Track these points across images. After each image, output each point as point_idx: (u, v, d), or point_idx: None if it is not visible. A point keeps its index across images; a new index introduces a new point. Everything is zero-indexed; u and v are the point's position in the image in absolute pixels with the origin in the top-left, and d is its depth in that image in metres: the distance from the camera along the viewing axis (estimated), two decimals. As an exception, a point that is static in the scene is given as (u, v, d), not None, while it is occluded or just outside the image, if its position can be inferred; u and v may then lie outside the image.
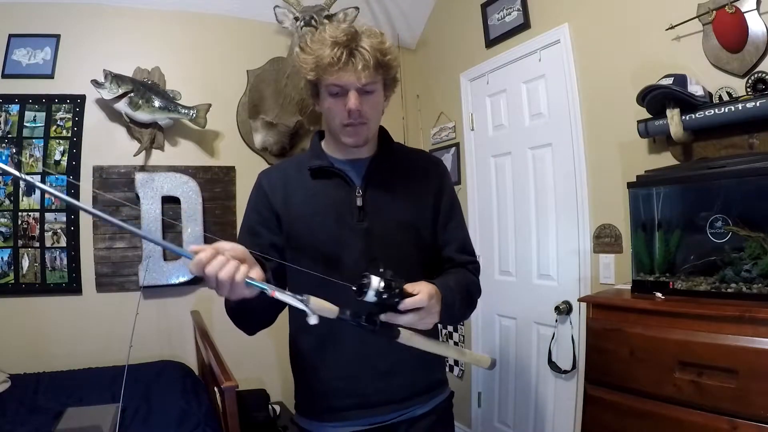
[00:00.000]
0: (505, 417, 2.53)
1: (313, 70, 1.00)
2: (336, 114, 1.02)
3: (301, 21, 2.31)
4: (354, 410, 1.08)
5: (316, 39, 1.00)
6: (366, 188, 1.08)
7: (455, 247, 1.17)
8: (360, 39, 0.98)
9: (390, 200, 1.09)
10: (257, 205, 1.11)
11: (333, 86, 1.00)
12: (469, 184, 2.79)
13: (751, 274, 1.31)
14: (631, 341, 1.41)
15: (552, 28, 2.23)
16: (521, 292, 2.45)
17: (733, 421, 1.18)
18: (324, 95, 1.03)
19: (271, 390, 2.69)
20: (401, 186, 1.12)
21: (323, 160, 1.11)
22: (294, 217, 1.07)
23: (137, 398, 1.98)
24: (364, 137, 1.06)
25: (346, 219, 1.06)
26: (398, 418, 1.10)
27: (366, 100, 1.01)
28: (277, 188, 1.10)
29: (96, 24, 2.53)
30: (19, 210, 2.39)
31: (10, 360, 2.25)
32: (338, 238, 1.05)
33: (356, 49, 0.97)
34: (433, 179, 1.16)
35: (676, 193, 1.56)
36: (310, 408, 1.13)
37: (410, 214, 1.11)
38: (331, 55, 0.96)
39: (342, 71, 0.97)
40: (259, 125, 2.77)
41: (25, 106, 2.42)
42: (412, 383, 1.11)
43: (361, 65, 0.97)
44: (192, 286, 2.64)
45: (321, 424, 1.11)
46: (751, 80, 1.50)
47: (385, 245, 1.06)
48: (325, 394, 1.09)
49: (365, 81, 0.99)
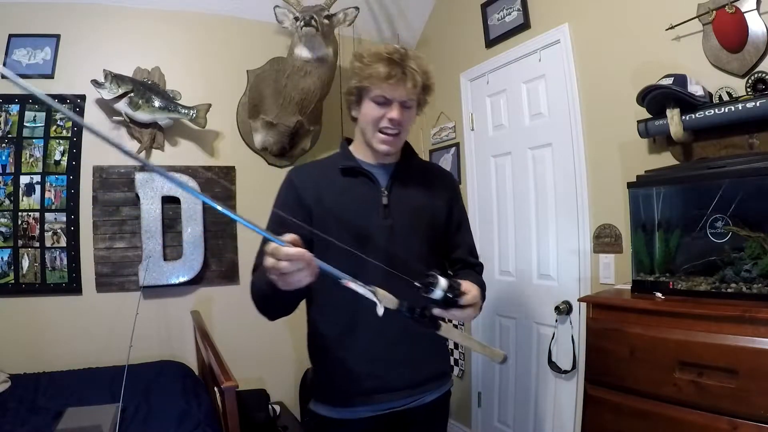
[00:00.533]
0: (505, 417, 2.53)
1: (367, 79, 1.13)
2: (376, 120, 1.16)
3: (301, 21, 2.31)
4: (374, 395, 1.16)
5: (372, 53, 1.14)
6: (391, 189, 1.21)
7: (466, 251, 1.33)
8: (410, 60, 1.14)
9: (411, 202, 1.22)
10: (287, 198, 1.21)
11: (380, 96, 1.14)
12: (469, 184, 2.79)
13: (751, 274, 1.31)
14: (631, 341, 1.40)
15: (552, 28, 2.23)
16: (521, 292, 2.45)
17: (733, 421, 1.18)
18: (367, 103, 1.17)
19: (271, 390, 2.69)
20: (420, 191, 1.25)
21: (353, 161, 1.24)
22: (326, 210, 1.17)
23: (137, 398, 1.98)
24: (397, 145, 1.20)
25: (372, 215, 1.18)
26: (412, 403, 1.20)
27: (404, 113, 1.16)
28: (308, 184, 1.20)
29: (96, 24, 2.53)
30: (19, 210, 2.39)
31: (10, 360, 2.25)
32: (365, 232, 1.16)
33: (408, 69, 1.12)
34: (447, 189, 1.32)
35: (676, 193, 1.56)
36: (331, 394, 1.20)
37: (427, 216, 1.24)
38: (388, 70, 1.10)
39: (393, 86, 1.12)
40: (259, 125, 2.77)
41: (25, 106, 2.42)
42: (426, 370, 1.21)
43: (411, 84, 1.13)
44: (192, 286, 2.65)
45: (342, 409, 1.18)
46: (751, 80, 1.50)
47: (404, 241, 1.18)
48: (347, 380, 1.17)
49: (409, 97, 1.15)
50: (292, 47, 2.45)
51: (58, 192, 2.45)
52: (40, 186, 2.42)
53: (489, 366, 2.65)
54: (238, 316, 2.74)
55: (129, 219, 2.55)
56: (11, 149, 2.40)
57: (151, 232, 2.51)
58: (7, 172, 2.38)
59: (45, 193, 2.42)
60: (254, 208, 2.80)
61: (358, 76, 1.16)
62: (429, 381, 1.22)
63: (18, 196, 2.39)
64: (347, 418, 1.18)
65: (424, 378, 1.21)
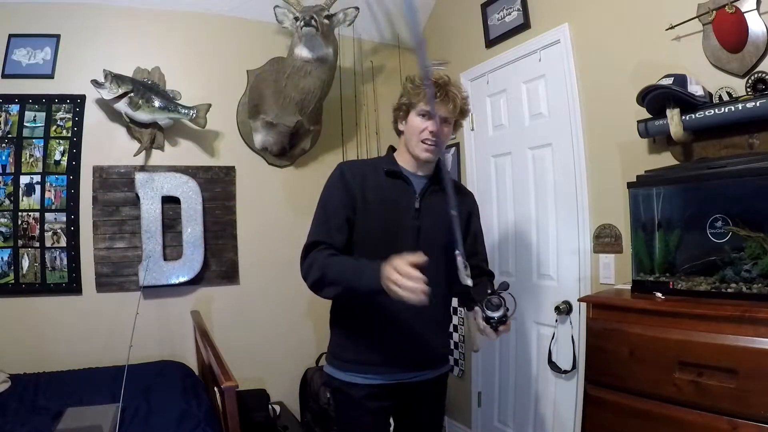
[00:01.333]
0: (505, 417, 2.53)
1: (416, 96, 1.36)
2: (420, 131, 1.36)
3: (301, 21, 2.31)
4: (381, 366, 1.36)
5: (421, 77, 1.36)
6: (423, 195, 1.41)
7: (482, 258, 1.58)
8: (452, 87, 1.38)
9: (438, 209, 1.38)
10: (338, 184, 1.38)
11: (425, 111, 1.35)
12: (469, 184, 2.79)
13: (751, 274, 1.31)
14: (631, 341, 1.41)
15: (552, 28, 2.23)
16: (521, 292, 2.45)
17: (733, 421, 1.18)
18: (413, 116, 1.38)
19: (271, 390, 2.69)
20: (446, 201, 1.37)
21: (396, 166, 1.43)
22: (368, 202, 1.36)
23: (137, 398, 1.98)
24: (435, 155, 1.39)
25: (405, 215, 1.38)
26: (414, 378, 1.40)
27: (443, 128, 1.38)
28: (357, 177, 1.38)
29: (96, 24, 2.53)
30: (19, 210, 2.39)
31: (10, 360, 2.25)
32: (396, 228, 1.36)
33: (450, 93, 1.36)
34: (468, 204, 1.53)
35: (676, 193, 1.56)
36: (345, 359, 1.39)
37: (448, 225, 1.34)
38: (435, 90, 1.32)
39: (437, 104, 1.33)
40: (259, 125, 2.77)
41: (25, 106, 2.42)
42: (431, 352, 1.42)
43: (451, 105, 1.37)
44: (192, 286, 2.65)
45: (352, 374, 1.38)
46: (751, 80, 1.50)
47: (429, 241, 1.35)
48: (360, 350, 1.37)
49: (448, 115, 1.37)
50: (292, 47, 2.45)
51: (58, 192, 2.45)
52: (40, 186, 2.42)
53: (489, 366, 2.65)
54: (238, 316, 2.75)
55: (129, 219, 2.55)
56: (11, 149, 2.40)
57: (151, 232, 2.51)
58: (7, 172, 2.38)
59: (45, 193, 2.42)
60: (254, 208, 2.83)
61: (408, 94, 1.38)
62: (432, 361, 1.42)
63: (18, 196, 2.39)
64: (355, 382, 1.37)
65: (428, 358, 1.41)
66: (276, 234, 2.80)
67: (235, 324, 2.73)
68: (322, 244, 1.31)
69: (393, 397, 1.40)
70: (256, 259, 2.81)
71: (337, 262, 1.26)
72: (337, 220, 1.33)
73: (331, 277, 1.24)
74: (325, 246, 1.31)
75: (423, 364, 1.41)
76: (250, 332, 2.75)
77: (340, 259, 1.27)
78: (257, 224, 2.82)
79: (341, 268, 1.24)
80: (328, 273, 1.24)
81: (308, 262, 1.30)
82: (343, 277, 1.23)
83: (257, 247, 2.82)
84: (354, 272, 1.20)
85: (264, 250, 2.81)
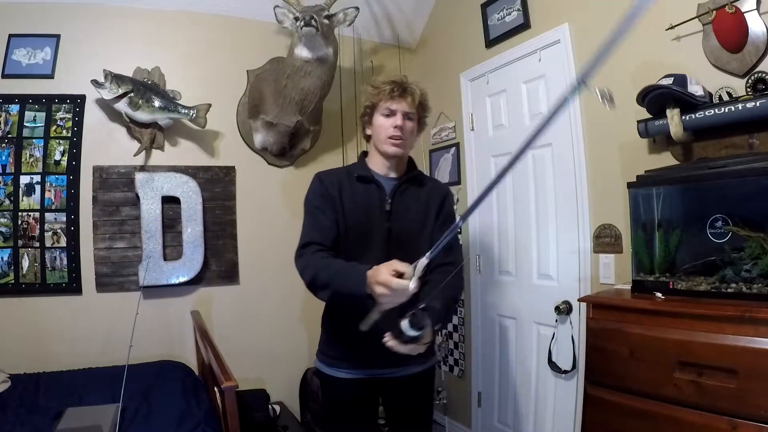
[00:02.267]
0: (505, 417, 2.53)
1: (376, 97, 1.45)
2: (385, 129, 1.44)
3: (301, 21, 2.31)
4: (364, 362, 1.45)
5: (380, 80, 1.48)
6: (393, 197, 1.47)
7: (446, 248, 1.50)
8: (410, 83, 1.47)
9: (408, 209, 1.48)
10: (320, 191, 1.46)
11: (387, 109, 1.44)
12: (469, 184, 2.79)
13: (751, 274, 1.31)
14: (631, 341, 1.40)
15: (552, 28, 2.23)
16: (521, 292, 2.45)
17: (733, 421, 1.18)
18: (377, 117, 1.46)
19: (271, 390, 2.69)
20: (417, 201, 1.50)
21: (367, 171, 1.51)
22: (344, 208, 1.45)
23: (137, 398, 1.98)
24: (403, 150, 1.47)
25: (376, 217, 1.45)
26: (396, 373, 1.47)
27: (407, 123, 1.45)
28: (333, 185, 1.47)
29: (96, 24, 2.53)
30: (19, 210, 2.39)
31: (10, 360, 2.25)
32: (369, 231, 1.44)
33: (408, 88, 1.45)
34: (439, 197, 1.55)
35: (676, 193, 1.56)
36: (332, 356, 1.49)
37: (419, 223, 1.49)
38: (392, 87, 1.43)
39: (397, 100, 1.43)
40: (259, 125, 2.77)
41: (25, 106, 2.42)
42: None
43: (410, 99, 1.44)
44: (192, 286, 2.65)
45: (338, 369, 1.48)
46: (751, 80, 1.50)
47: (400, 242, 1.44)
48: (347, 347, 1.46)
49: (409, 110, 1.45)
50: (292, 47, 2.45)
51: (58, 192, 2.45)
52: (40, 186, 2.42)
53: (489, 366, 2.65)
54: (238, 316, 2.75)
55: (129, 219, 2.55)
56: (11, 149, 2.40)
57: (151, 232, 2.51)
58: (7, 172, 2.38)
59: (45, 193, 2.42)
60: (254, 208, 2.83)
61: (369, 97, 1.47)
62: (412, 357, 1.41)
63: (18, 196, 2.39)
64: (341, 377, 1.47)
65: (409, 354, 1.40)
66: (276, 234, 2.79)
67: (235, 324, 2.73)
68: (315, 244, 1.37)
69: (378, 390, 1.50)
70: (256, 259, 2.81)
71: (327, 264, 1.32)
72: (327, 221, 1.41)
73: (323, 280, 1.30)
74: (318, 246, 1.37)
75: (405, 359, 1.39)
76: (250, 332, 2.74)
77: (331, 262, 1.32)
78: (257, 224, 2.82)
79: (331, 272, 1.29)
80: (320, 275, 1.30)
81: (302, 263, 1.36)
82: (332, 281, 1.28)
83: (257, 247, 2.82)
84: (343, 276, 1.26)
85: (264, 250, 2.81)
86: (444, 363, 2.95)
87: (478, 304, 2.72)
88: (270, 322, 2.83)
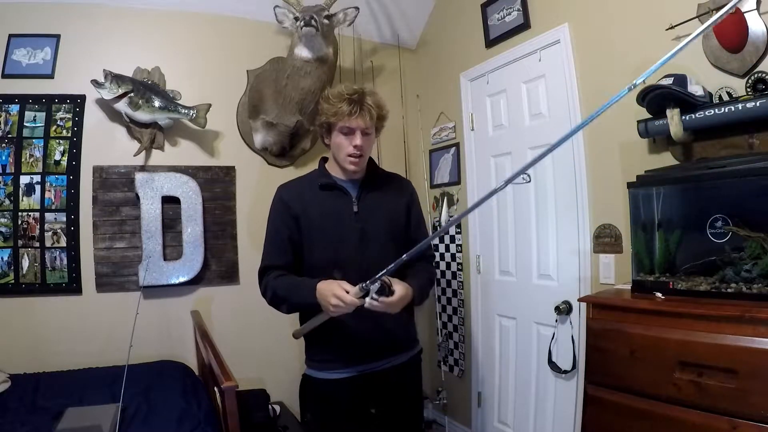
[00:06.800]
0: (505, 417, 2.53)
1: (333, 116, 1.43)
2: (344, 147, 1.46)
3: (301, 21, 2.31)
4: (351, 360, 1.48)
5: (336, 94, 1.44)
6: (360, 199, 1.51)
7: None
8: (367, 98, 1.44)
9: (376, 208, 1.52)
10: (279, 209, 1.51)
11: (345, 128, 1.44)
12: (469, 184, 2.79)
13: (751, 274, 1.31)
14: (631, 341, 1.41)
15: (552, 28, 2.23)
16: (521, 292, 2.45)
17: (733, 421, 1.18)
18: (336, 134, 1.46)
19: (271, 390, 2.69)
20: (384, 198, 1.55)
21: (329, 178, 1.53)
22: (311, 218, 1.48)
23: (137, 398, 1.98)
24: (362, 166, 1.51)
25: (346, 221, 1.48)
26: (383, 366, 1.51)
27: (365, 140, 1.46)
28: (295, 198, 1.50)
29: (96, 24, 2.53)
30: (19, 210, 2.39)
31: (10, 360, 2.25)
32: (341, 234, 1.47)
33: (364, 105, 1.43)
34: (405, 194, 1.62)
35: (676, 193, 1.56)
36: (320, 360, 1.52)
37: (390, 219, 1.54)
38: (350, 108, 1.41)
39: (355, 119, 1.42)
40: (259, 125, 2.77)
41: (25, 106, 2.42)
42: (393, 339, 1.52)
43: (368, 117, 1.43)
44: (192, 286, 2.65)
45: (327, 371, 1.50)
46: (751, 80, 1.50)
47: (372, 240, 1.48)
48: (332, 348, 1.49)
49: (367, 126, 1.45)
50: (292, 47, 2.45)
51: (58, 192, 2.45)
52: (40, 186, 2.42)
53: (489, 366, 2.65)
54: (238, 316, 2.74)
55: (129, 219, 2.54)
56: (11, 149, 2.39)
57: (151, 232, 2.51)
58: (7, 172, 2.38)
59: (45, 193, 2.42)
60: (254, 208, 2.82)
61: (326, 114, 1.45)
62: (396, 346, 1.54)
63: (18, 196, 2.39)
64: (332, 378, 1.49)
65: (392, 345, 1.53)
66: (276, 234, 2.79)
67: (235, 324, 2.73)
68: (271, 268, 1.49)
69: (369, 386, 1.52)
70: (256, 259, 2.76)
71: (282, 282, 1.44)
72: (281, 243, 1.48)
73: (280, 296, 1.43)
74: (277, 272, 1.48)
75: (389, 350, 1.53)
76: (250, 332, 2.74)
77: (285, 279, 1.45)
78: (257, 224, 2.81)
79: (285, 288, 1.43)
80: (277, 292, 1.44)
81: (263, 285, 1.49)
82: (287, 295, 1.42)
83: (257, 247, 2.78)
84: (295, 289, 1.41)
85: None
86: (444, 363, 2.95)
87: (478, 304, 2.72)
88: (270, 322, 2.80)
